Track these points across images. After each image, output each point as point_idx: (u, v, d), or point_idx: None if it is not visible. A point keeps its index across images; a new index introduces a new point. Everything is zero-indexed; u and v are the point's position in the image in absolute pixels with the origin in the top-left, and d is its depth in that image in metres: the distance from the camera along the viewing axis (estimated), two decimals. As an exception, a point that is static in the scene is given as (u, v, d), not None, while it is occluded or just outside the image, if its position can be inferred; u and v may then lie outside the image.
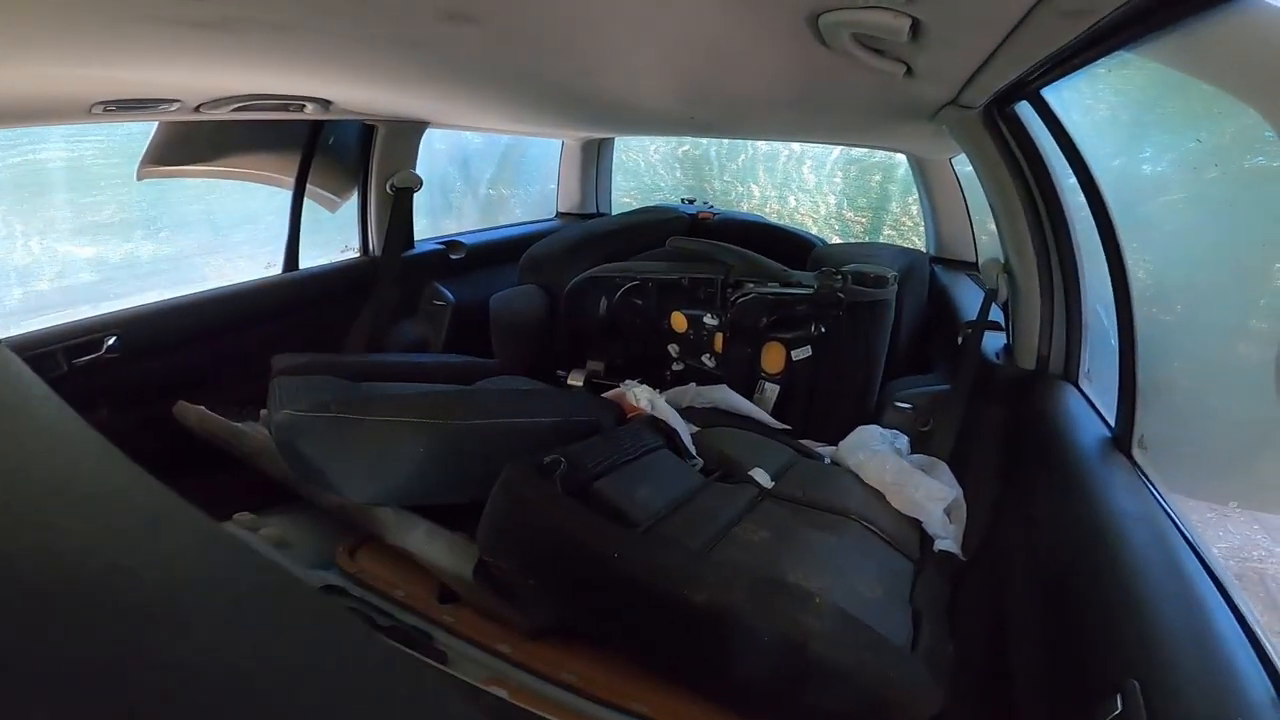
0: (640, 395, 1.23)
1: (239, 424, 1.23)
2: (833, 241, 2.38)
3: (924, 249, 2.18)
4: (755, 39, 0.87)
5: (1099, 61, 0.78)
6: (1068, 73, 0.80)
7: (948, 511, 1.20)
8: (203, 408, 1.26)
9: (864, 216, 2.73)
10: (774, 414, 1.55)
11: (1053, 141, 1.08)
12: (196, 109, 1.33)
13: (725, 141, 3.04)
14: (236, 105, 1.35)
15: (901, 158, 2.26)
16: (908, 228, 2.53)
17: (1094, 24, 0.54)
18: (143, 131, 1.55)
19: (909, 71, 0.82)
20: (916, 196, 2.19)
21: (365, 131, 1.74)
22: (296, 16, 0.85)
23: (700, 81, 1.21)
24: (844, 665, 0.85)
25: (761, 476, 1.16)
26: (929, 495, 1.16)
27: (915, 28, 0.61)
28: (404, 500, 1.03)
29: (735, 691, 0.90)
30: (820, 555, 0.98)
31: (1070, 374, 1.25)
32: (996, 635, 0.95)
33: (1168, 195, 1.36)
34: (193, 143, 1.54)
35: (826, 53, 0.75)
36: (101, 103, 1.21)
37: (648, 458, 1.10)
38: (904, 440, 1.39)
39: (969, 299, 1.64)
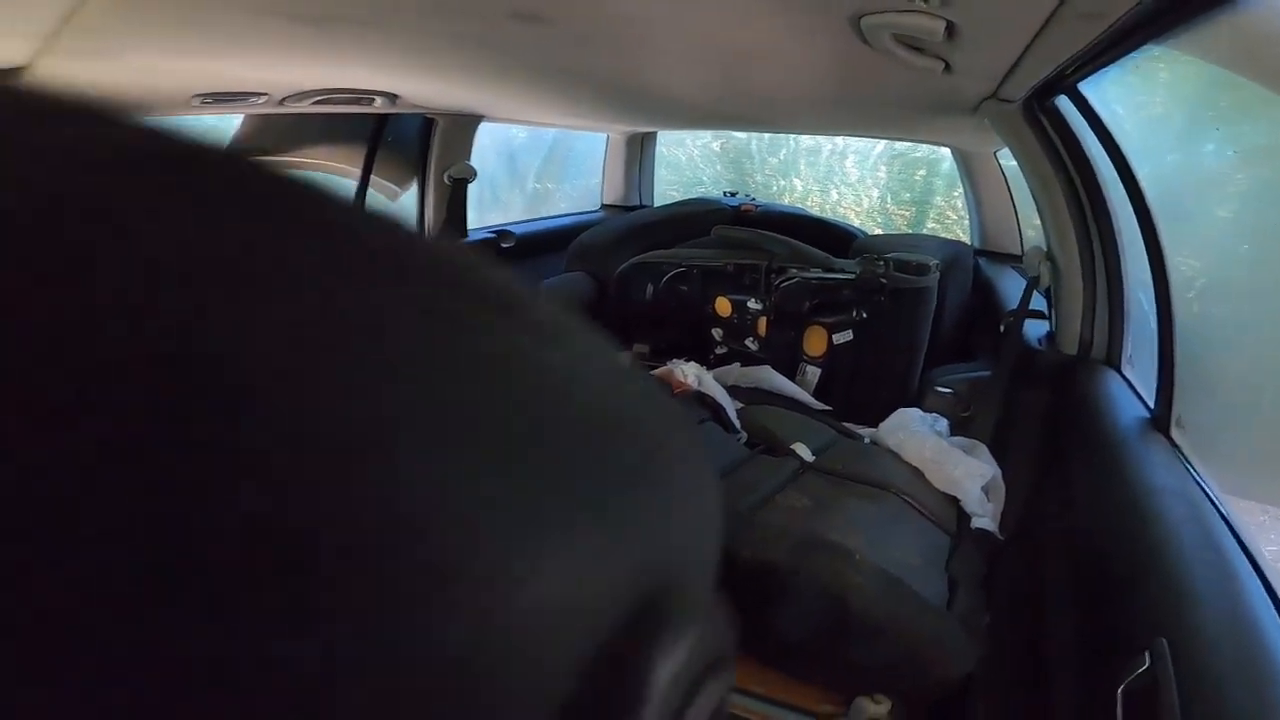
0: (688, 371, 1.36)
1: None
2: (875, 234, 2.47)
3: (969, 242, 2.25)
4: (799, 39, 0.98)
5: (1129, 56, 0.88)
6: (1100, 67, 0.90)
7: (986, 490, 1.28)
8: None
9: (907, 210, 2.80)
10: (815, 396, 1.65)
11: (1093, 133, 1.17)
12: (281, 102, 1.51)
13: (766, 135, 3.16)
14: (316, 99, 1.53)
15: (946, 151, 2.34)
16: (952, 221, 2.60)
17: (1111, 25, 0.65)
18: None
19: (947, 68, 0.93)
20: (961, 190, 2.27)
21: (425, 125, 1.91)
22: (384, 14, 1.00)
23: (744, 79, 1.33)
24: (882, 620, 0.94)
25: (803, 451, 1.27)
26: (968, 473, 1.25)
27: (950, 29, 0.72)
28: None
29: (777, 647, 0.99)
30: (860, 521, 1.08)
31: (1112, 359, 1.32)
32: (1031, 609, 1.03)
33: (1227, 189, 1.41)
34: (270, 135, 1.73)
35: (868, 50, 0.86)
36: (200, 95, 1.40)
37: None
38: (944, 424, 1.48)
39: (1014, 290, 1.70)
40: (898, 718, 1.01)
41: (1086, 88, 1.07)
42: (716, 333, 1.87)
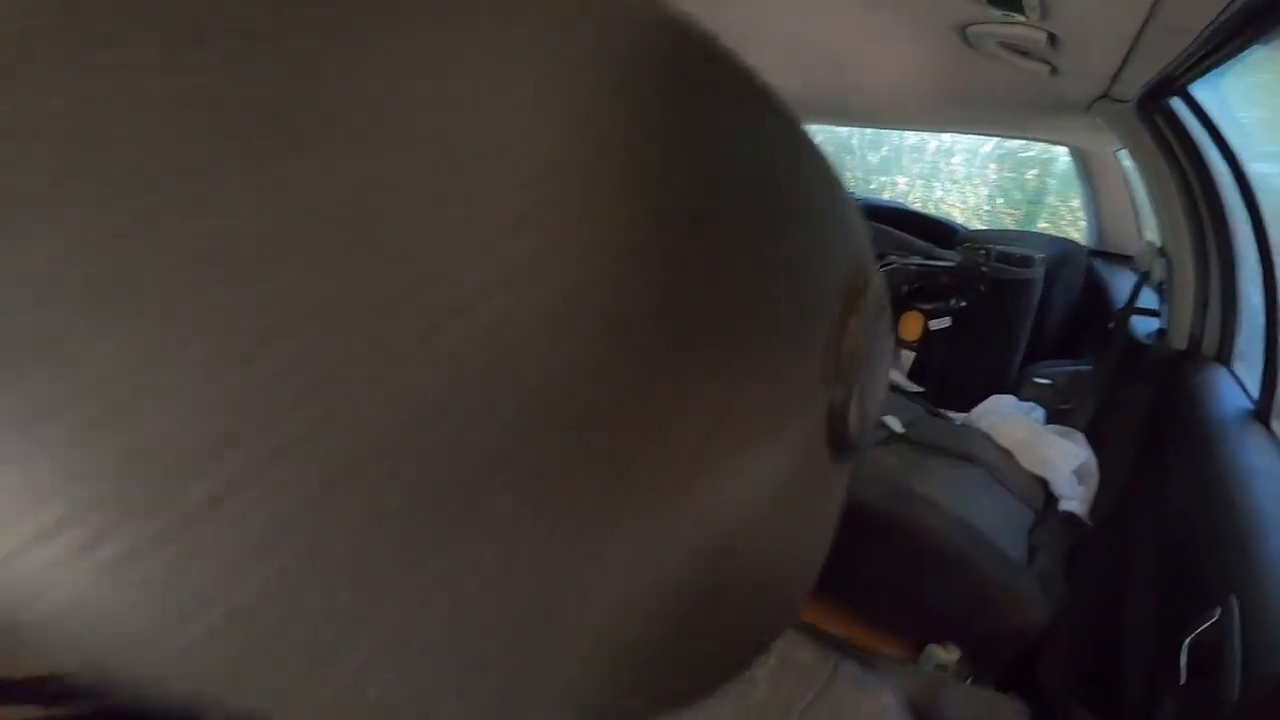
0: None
1: None
2: (980, 229, 2.51)
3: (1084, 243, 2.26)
4: (904, 42, 1.10)
5: (1238, 58, 0.97)
6: (1205, 71, 1.00)
7: (1078, 475, 1.36)
8: None
9: (1017, 210, 2.82)
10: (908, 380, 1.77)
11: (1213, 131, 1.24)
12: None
13: (868, 131, 3.25)
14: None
15: (1060, 151, 2.36)
16: (1066, 223, 2.59)
17: (1198, 36, 0.77)
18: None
19: (1054, 70, 1.06)
20: (1076, 191, 2.27)
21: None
22: None
23: (846, 76, 1.45)
24: (960, 565, 1.06)
25: (893, 422, 1.41)
26: (1060, 453, 1.33)
27: (1051, 38, 0.87)
28: None
29: (855, 589, 1.11)
30: (946, 483, 1.20)
31: (1223, 355, 1.37)
32: (1112, 588, 1.10)
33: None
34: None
35: (973, 54, 1.01)
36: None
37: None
38: (1040, 413, 1.55)
39: (1129, 292, 1.74)
40: (965, 670, 1.12)
41: (1199, 89, 1.16)
42: None
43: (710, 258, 0.16)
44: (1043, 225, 2.79)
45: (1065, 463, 1.33)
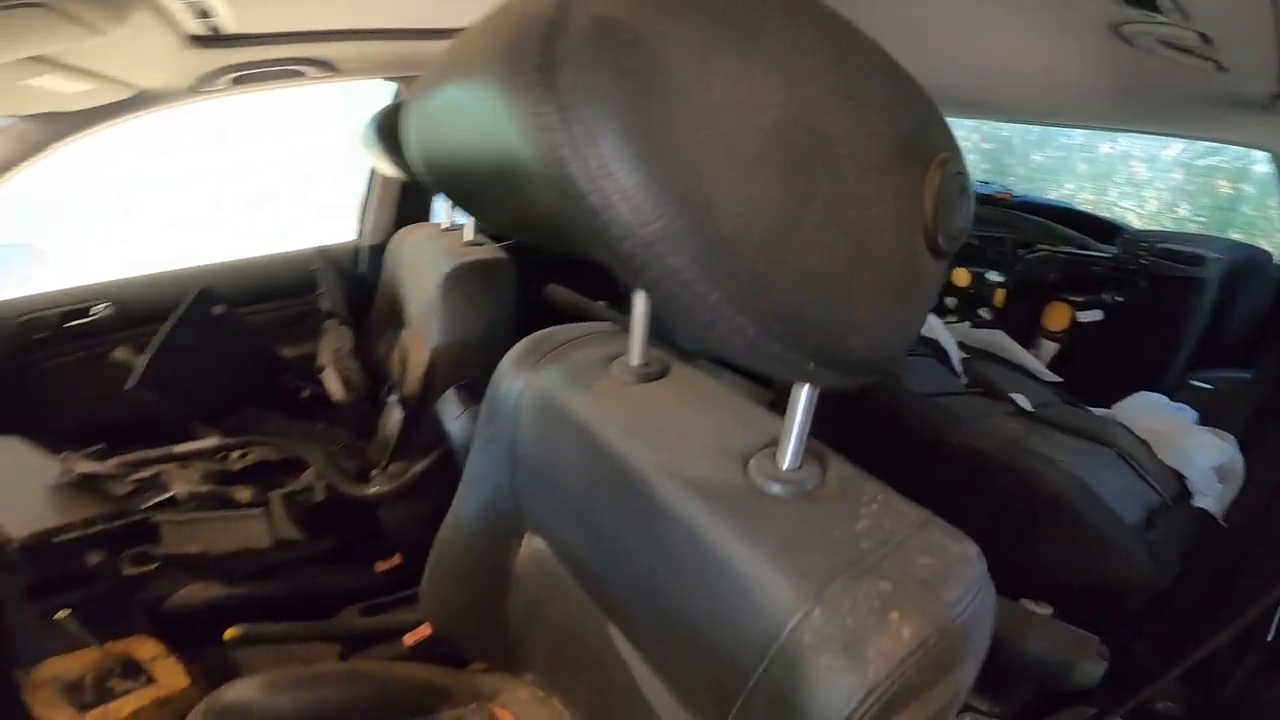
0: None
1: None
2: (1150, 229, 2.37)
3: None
4: (1060, 42, 1.18)
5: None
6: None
7: (1219, 473, 1.36)
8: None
9: (1203, 217, 2.65)
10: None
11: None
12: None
13: (1034, 134, 3.18)
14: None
15: (1258, 156, 2.22)
16: (1259, 233, 2.41)
17: None
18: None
19: (1220, 67, 1.12)
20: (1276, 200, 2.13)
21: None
22: None
23: (1005, 76, 1.52)
24: (1068, 516, 1.10)
25: (1022, 401, 1.49)
26: (1202, 445, 1.33)
27: (1204, 37, 0.96)
28: None
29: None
30: (1066, 448, 1.24)
31: None
32: (1233, 587, 1.08)
33: None
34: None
35: (1133, 51, 1.10)
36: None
37: (915, 359, 1.49)
38: (1191, 414, 1.52)
39: None
40: None
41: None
42: (950, 301, 2.07)
43: (870, 114, 0.42)
44: (1235, 236, 2.58)
45: (1205, 457, 1.34)
